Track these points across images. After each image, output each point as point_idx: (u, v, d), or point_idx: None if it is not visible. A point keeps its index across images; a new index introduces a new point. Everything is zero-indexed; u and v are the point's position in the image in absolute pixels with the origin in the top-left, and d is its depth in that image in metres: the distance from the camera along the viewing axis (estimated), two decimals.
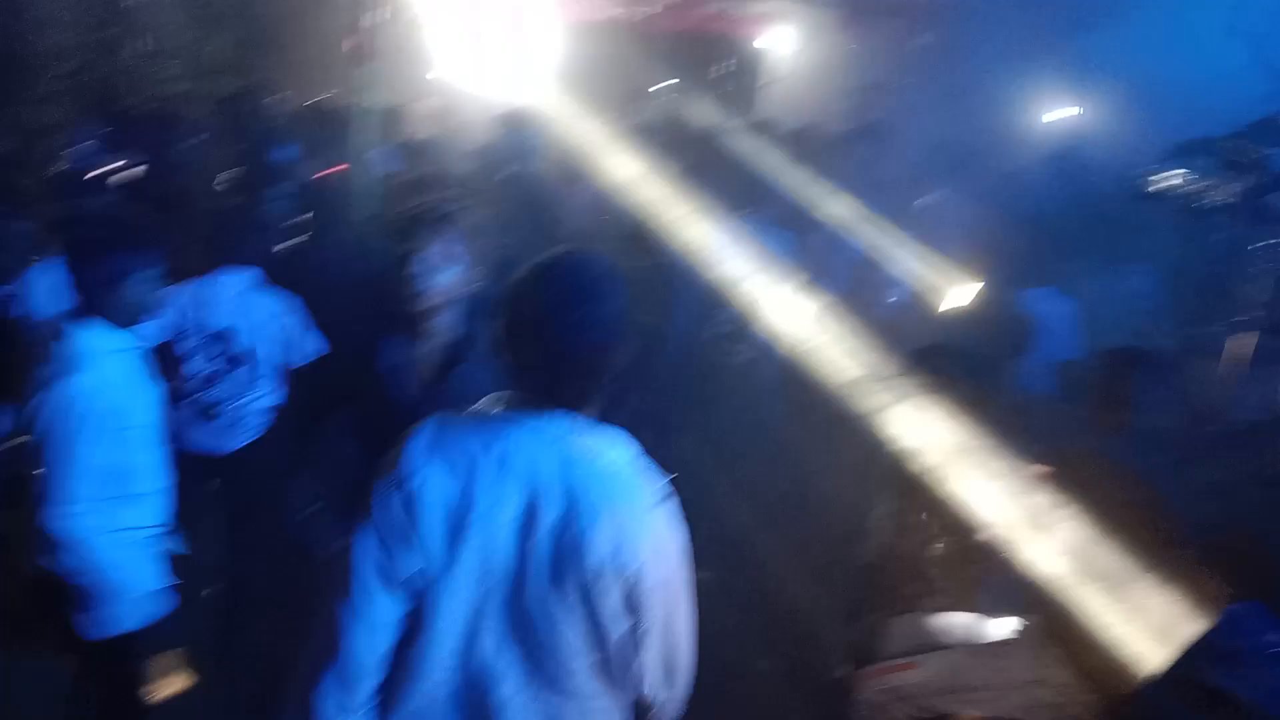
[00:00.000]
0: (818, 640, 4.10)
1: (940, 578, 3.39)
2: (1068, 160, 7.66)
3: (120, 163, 6.00)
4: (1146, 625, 2.49)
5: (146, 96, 7.44)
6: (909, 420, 3.40)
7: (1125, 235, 4.98)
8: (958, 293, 5.34)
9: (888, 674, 3.11)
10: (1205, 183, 3.76)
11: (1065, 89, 9.50)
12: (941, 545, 3.36)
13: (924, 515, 3.39)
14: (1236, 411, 4.13)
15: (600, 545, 1.90)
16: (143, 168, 5.92)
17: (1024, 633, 3.07)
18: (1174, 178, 4.04)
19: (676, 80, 10.53)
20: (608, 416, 2.10)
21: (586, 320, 1.92)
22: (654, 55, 11.30)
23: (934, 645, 3.18)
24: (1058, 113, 9.67)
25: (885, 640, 3.32)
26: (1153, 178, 4.35)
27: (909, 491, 3.44)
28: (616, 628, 1.96)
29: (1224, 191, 3.64)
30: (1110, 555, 2.59)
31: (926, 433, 3.31)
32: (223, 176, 5.53)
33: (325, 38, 11.40)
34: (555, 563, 1.91)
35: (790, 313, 5.05)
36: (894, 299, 5.73)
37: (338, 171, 5.58)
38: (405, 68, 8.62)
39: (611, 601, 1.94)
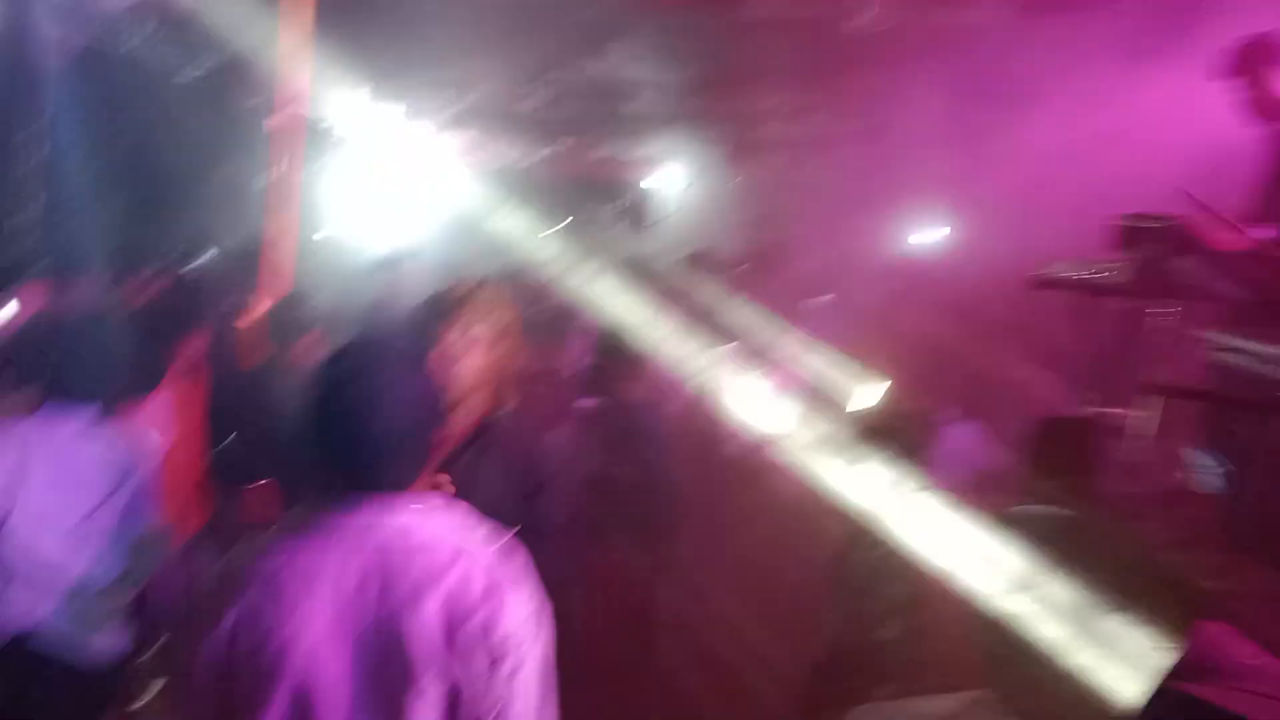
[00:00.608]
0: None
1: (890, 663, 3.36)
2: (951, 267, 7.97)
3: None
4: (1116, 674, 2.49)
5: None
6: (856, 492, 3.44)
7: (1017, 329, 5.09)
8: (861, 393, 5.44)
9: None
10: (1104, 264, 3.92)
11: (940, 206, 10.17)
12: (891, 629, 3.32)
13: (869, 600, 3.37)
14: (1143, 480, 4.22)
15: (437, 625, 1.79)
16: None
17: (980, 704, 3.04)
18: (1072, 265, 4.20)
19: (569, 221, 10.80)
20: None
21: (383, 397, 1.88)
22: (546, 198, 11.66)
23: None
24: (931, 230, 10.32)
25: None
26: (1050, 267, 4.52)
27: (856, 575, 3.43)
28: (481, 706, 1.79)
29: (1122, 269, 3.78)
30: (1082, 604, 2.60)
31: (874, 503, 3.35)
32: None
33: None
34: (386, 660, 1.79)
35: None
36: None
37: None
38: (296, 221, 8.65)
39: (470, 680, 1.79)
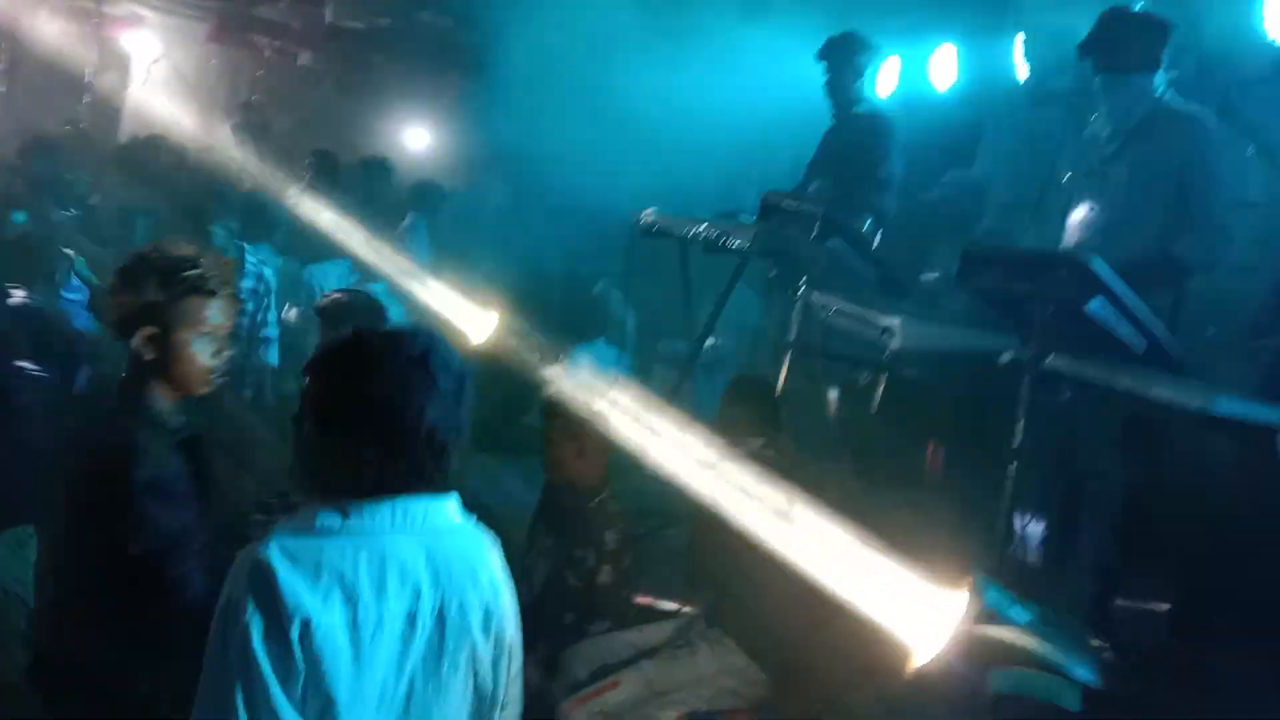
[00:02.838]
0: None
1: (603, 601, 3.73)
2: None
3: None
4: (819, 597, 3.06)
5: None
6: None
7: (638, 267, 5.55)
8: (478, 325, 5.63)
9: (593, 698, 3.44)
10: (721, 228, 4.52)
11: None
12: (606, 571, 3.68)
13: (585, 546, 3.69)
14: None
15: (478, 616, 1.94)
16: None
17: (695, 631, 3.56)
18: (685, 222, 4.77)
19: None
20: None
21: (450, 398, 1.89)
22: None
23: (620, 663, 3.55)
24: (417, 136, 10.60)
25: (571, 669, 3.61)
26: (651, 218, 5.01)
27: (571, 522, 3.76)
28: (497, 695, 2.00)
29: (741, 236, 4.41)
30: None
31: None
32: None
33: None
34: (446, 651, 1.90)
35: None
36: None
37: None
38: None
39: (493, 670, 1.98)
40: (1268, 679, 3.63)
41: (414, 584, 1.88)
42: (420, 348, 1.90)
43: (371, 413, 1.87)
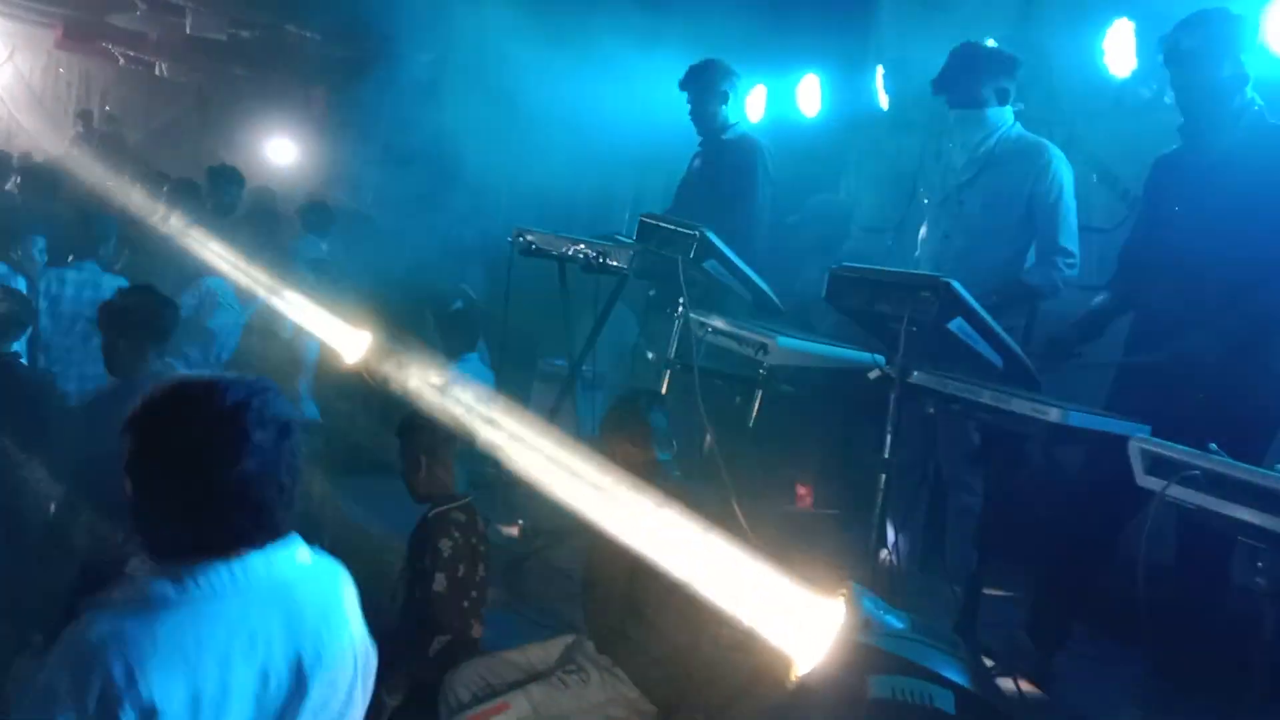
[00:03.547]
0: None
1: (437, 610, 3.59)
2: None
3: None
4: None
5: None
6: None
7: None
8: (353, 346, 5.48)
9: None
10: (600, 248, 4.57)
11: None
12: (439, 580, 3.59)
13: (423, 557, 3.63)
14: None
15: (343, 657, 1.91)
16: None
17: (585, 655, 3.55)
18: (564, 242, 4.80)
19: None
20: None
21: (269, 450, 1.79)
22: None
23: (506, 684, 3.52)
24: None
25: (454, 691, 3.56)
26: (530, 237, 5.02)
27: (416, 537, 3.72)
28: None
29: (619, 256, 4.48)
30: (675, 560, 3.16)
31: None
32: None
33: None
34: (308, 697, 1.84)
35: None
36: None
37: None
38: None
39: (362, 698, 1.99)
40: (1115, 680, 3.88)
41: (265, 642, 1.79)
42: (233, 400, 1.79)
43: (180, 472, 1.77)
